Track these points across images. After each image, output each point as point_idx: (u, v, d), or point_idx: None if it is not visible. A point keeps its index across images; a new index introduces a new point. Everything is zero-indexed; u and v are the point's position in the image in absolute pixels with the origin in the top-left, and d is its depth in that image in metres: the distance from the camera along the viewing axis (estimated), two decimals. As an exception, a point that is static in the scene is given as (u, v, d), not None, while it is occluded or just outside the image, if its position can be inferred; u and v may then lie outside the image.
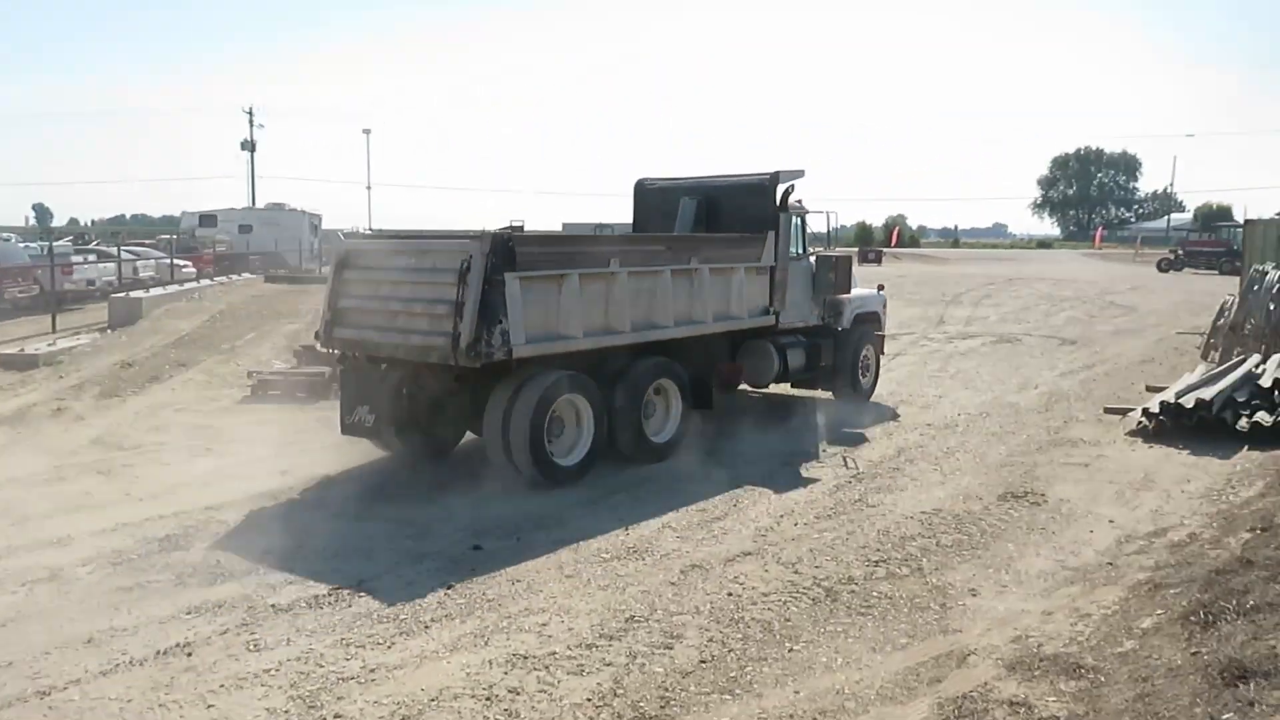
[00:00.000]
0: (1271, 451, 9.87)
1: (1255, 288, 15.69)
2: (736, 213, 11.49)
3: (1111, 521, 7.87)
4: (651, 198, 12.42)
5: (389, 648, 5.62)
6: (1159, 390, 12.66)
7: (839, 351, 12.62)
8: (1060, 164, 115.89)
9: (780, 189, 11.44)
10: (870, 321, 13.27)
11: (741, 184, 11.74)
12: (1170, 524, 7.72)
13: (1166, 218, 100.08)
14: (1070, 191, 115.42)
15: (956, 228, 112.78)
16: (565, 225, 58.12)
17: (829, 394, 13.03)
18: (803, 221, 12.11)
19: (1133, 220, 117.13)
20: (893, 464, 9.83)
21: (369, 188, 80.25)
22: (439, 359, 8.43)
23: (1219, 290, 30.23)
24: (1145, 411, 11.10)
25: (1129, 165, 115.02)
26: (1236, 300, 16.08)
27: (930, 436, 11.12)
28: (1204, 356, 16.38)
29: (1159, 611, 5.64)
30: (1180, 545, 7.11)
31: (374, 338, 9.01)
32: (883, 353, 13.72)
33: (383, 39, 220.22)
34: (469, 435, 9.92)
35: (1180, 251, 49.85)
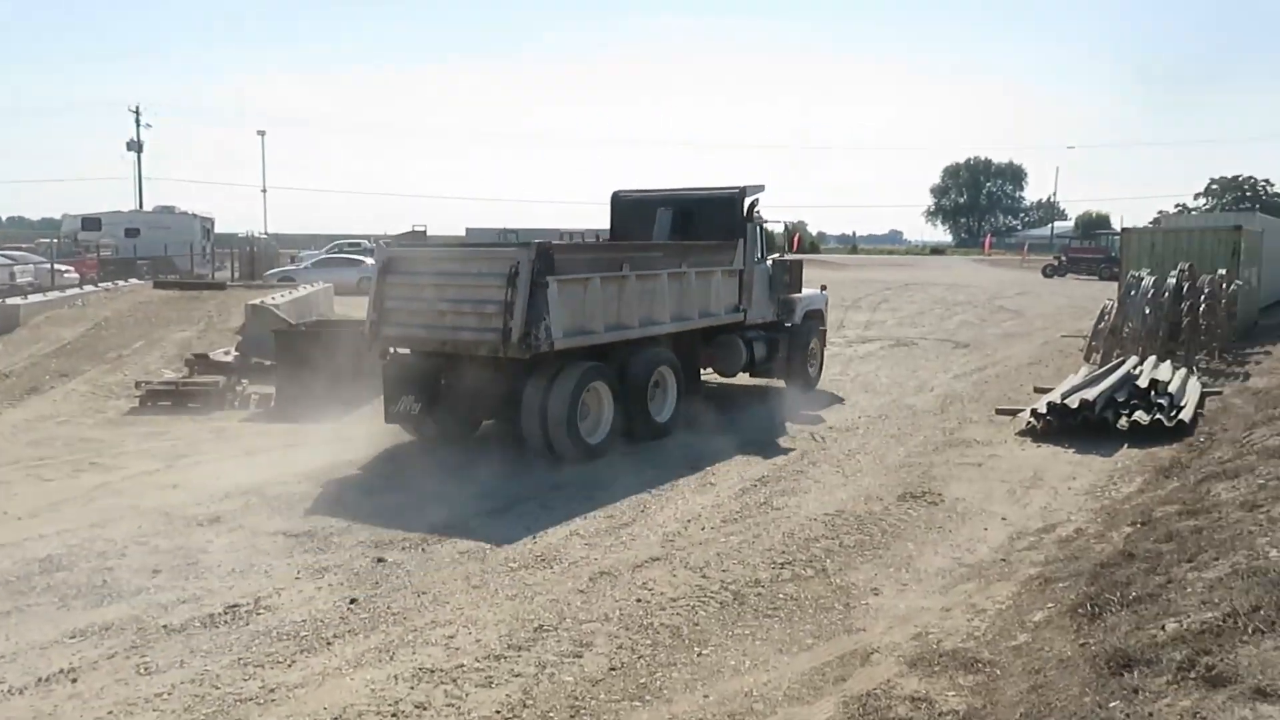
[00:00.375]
0: (1149, 449, 10.39)
1: (1132, 293, 16.51)
2: (708, 222, 12.98)
3: (1004, 519, 8.16)
4: (627, 208, 13.75)
5: (289, 666, 5.46)
6: (1046, 391, 13.19)
7: (792, 345, 14.08)
8: (951, 173, 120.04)
9: (747, 201, 13.08)
10: (816, 318, 14.86)
11: (713, 196, 13.25)
12: (1058, 520, 8.05)
13: (1050, 225, 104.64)
14: (961, 200, 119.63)
15: (855, 234, 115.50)
16: (469, 230, 57.65)
17: (781, 383, 14.34)
18: (762, 230, 13.51)
19: (1019, 228, 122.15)
20: (796, 467, 10.00)
21: (264, 191, 77.88)
22: (488, 352, 9.74)
23: (1099, 295, 31.78)
24: (1034, 412, 11.55)
25: (1015, 175, 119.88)
26: (1115, 305, 16.86)
27: (832, 439, 11.35)
28: (1087, 359, 17.14)
29: (1049, 605, 5.88)
30: (1068, 540, 7.42)
31: (422, 334, 10.20)
32: (825, 345, 15.37)
33: (280, 36, 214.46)
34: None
35: (1063, 258, 52.13)
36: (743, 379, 14.38)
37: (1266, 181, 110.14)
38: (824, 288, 15.81)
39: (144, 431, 11.74)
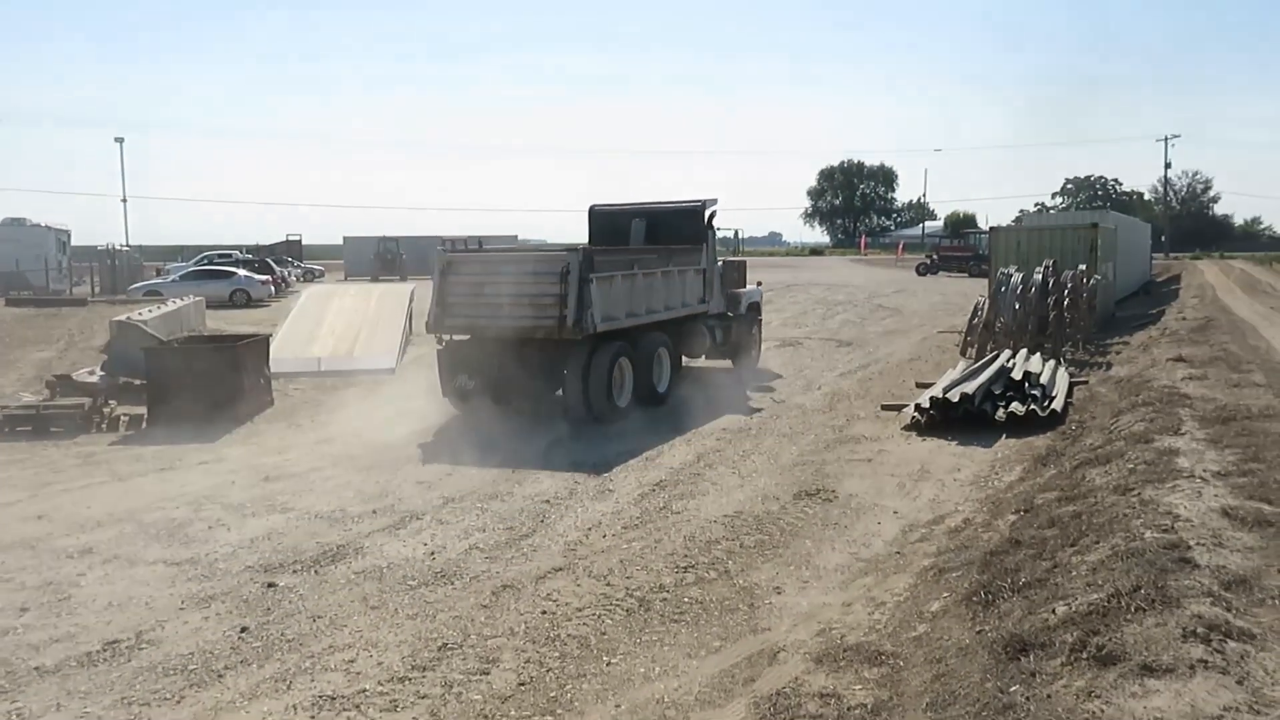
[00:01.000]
0: (1026, 438, 10.87)
1: (1002, 289, 17.25)
2: (675, 230, 15.83)
3: (896, 513, 8.41)
4: (603, 219, 16.53)
5: (178, 703, 5.18)
6: (927, 387, 13.66)
7: (740, 331, 16.93)
8: (827, 176, 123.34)
9: (707, 212, 15.93)
10: (755, 309, 17.84)
11: (679, 209, 16.19)
12: (947, 511, 8.35)
13: (921, 225, 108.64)
14: (837, 201, 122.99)
15: (738, 234, 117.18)
16: (346, 239, 56.36)
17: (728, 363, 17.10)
18: (714, 235, 16.30)
19: (892, 228, 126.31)
20: (693, 470, 10.08)
21: (124, 200, 73.00)
22: (545, 334, 12.46)
23: (971, 292, 33.13)
24: (917, 407, 11.95)
25: (887, 177, 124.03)
26: (987, 301, 17.59)
27: (727, 441, 11.49)
28: (963, 353, 17.82)
29: (945, 594, 6.07)
30: (957, 530, 7.69)
31: (483, 323, 12.80)
32: (762, 332, 18.46)
33: (139, 37, 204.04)
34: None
35: (935, 256, 54.10)
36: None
37: (1116, 181, 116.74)
38: (760, 283, 18.75)
39: (2, 460, 11.00)
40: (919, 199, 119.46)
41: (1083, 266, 19.80)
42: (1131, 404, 11.09)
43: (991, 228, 26.42)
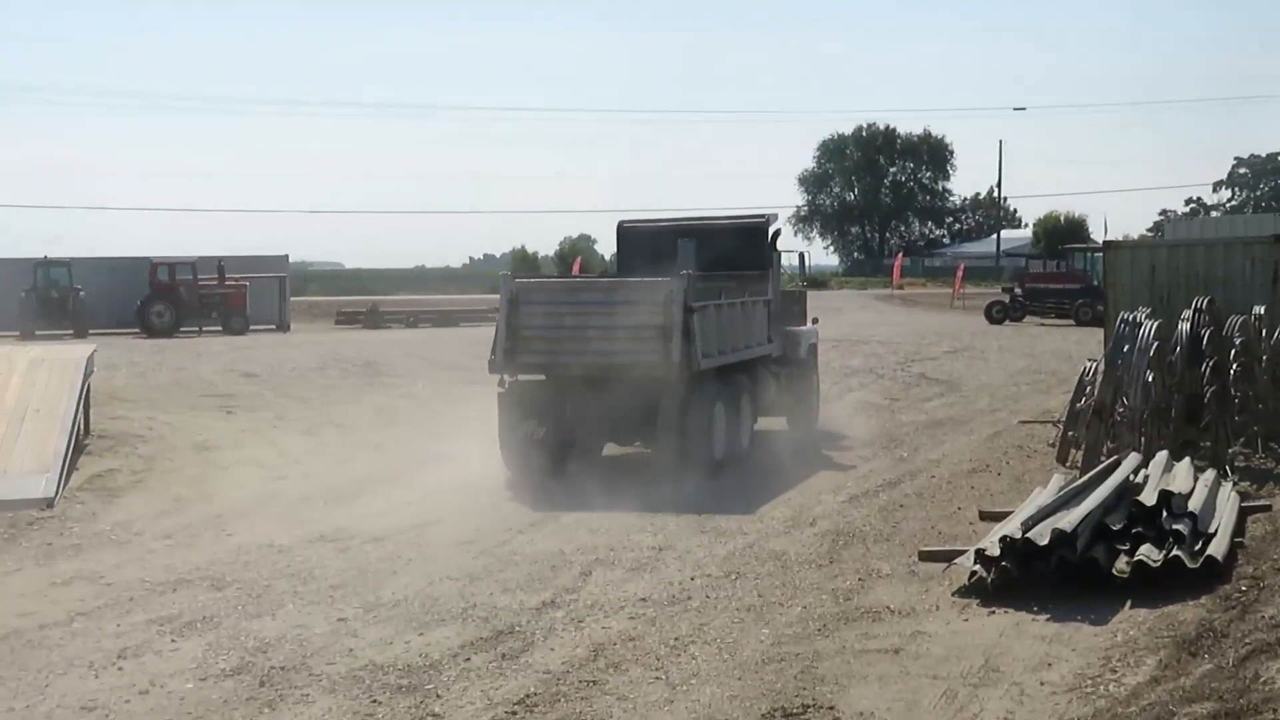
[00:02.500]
0: (1164, 607, 10.98)
1: (1125, 348, 17.61)
2: (733, 253, 20.54)
3: (939, 745, 8.41)
4: (638, 238, 21.61)
5: None
6: (998, 518, 13.75)
7: (800, 380, 21.87)
8: (833, 151, 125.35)
9: (771, 230, 21.28)
10: (813, 353, 23.08)
11: (736, 226, 21.79)
12: (1027, 741, 8.37)
13: (996, 235, 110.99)
14: (850, 196, 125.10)
15: (804, 258, 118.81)
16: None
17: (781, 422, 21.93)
18: (778, 260, 21.51)
19: (947, 240, 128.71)
20: (586, 675, 9.97)
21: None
22: (644, 373, 17.17)
23: (1078, 350, 33.85)
24: (980, 555, 12.02)
25: (936, 154, 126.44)
26: (1102, 369, 17.93)
27: (648, 620, 11.42)
28: (1061, 459, 18.07)
29: None
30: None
31: (566, 359, 17.88)
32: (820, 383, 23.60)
33: None
34: None
35: (1018, 290, 55.26)
36: None
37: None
38: (816, 320, 23.90)
39: None
40: (990, 192, 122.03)
41: (1261, 309, 20.35)
42: (1342, 545, 11.34)
43: (1107, 243, 27.09)
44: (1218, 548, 12.05)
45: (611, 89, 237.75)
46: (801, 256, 27.56)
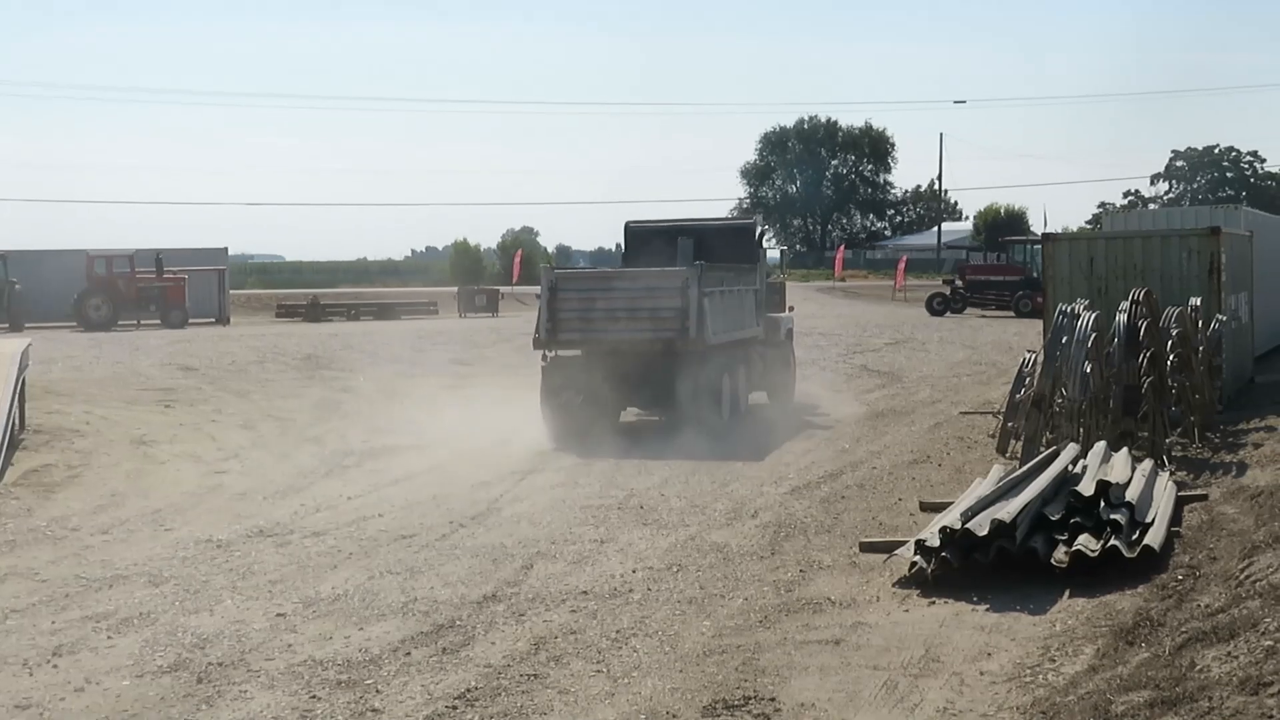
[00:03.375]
0: (1102, 596, 11.11)
1: (1064, 339, 17.72)
2: (724, 249, 23.98)
3: (878, 734, 8.45)
4: (642, 237, 25.21)
5: None
6: (938, 509, 13.84)
7: (779, 360, 25.31)
8: (775, 144, 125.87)
9: (758, 231, 25.96)
10: (789, 337, 26.82)
11: (728, 226, 28.05)
12: (967, 731, 8.42)
13: (937, 228, 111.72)
14: (792, 188, 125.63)
15: (784, 254, 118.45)
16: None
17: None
18: (764, 255, 25.76)
19: (888, 233, 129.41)
20: (527, 669, 9.95)
21: None
22: (665, 348, 21.00)
23: (1018, 342, 34.15)
24: (920, 546, 12.08)
25: (878, 147, 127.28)
26: (1042, 359, 18.05)
27: (589, 613, 11.41)
28: (1000, 449, 18.20)
29: None
30: (983, 765, 7.74)
31: (599, 337, 21.61)
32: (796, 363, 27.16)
33: None
34: None
35: (958, 282, 55.63)
36: None
37: (1255, 156, 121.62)
38: (792, 308, 27.97)
39: None
40: (931, 184, 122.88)
41: (1197, 301, 20.58)
42: (1276, 534, 11.45)
43: (1046, 235, 27.25)
44: (1154, 537, 12.18)
45: (553, 83, 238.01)
46: (783, 252, 37.89)
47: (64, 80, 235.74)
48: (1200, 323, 20.06)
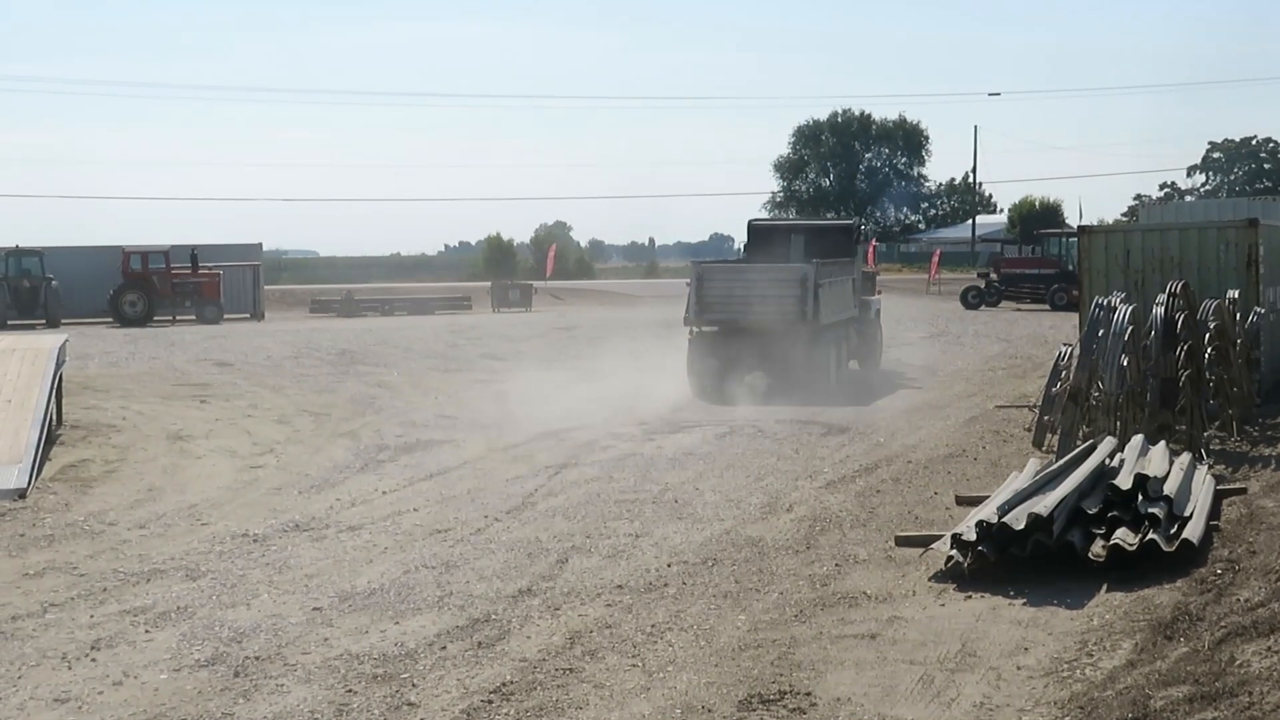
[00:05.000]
0: (1140, 590, 11.06)
1: (1100, 333, 17.66)
2: (829, 245, 29.00)
3: (917, 731, 8.43)
4: (762, 233, 31.13)
5: None
6: (974, 503, 13.80)
7: (870, 335, 30.74)
8: (808, 137, 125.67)
9: (855, 230, 32.31)
10: (878, 315, 31.93)
11: (832, 226, 36.05)
12: (1003, 726, 8.40)
13: (971, 221, 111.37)
14: (825, 182, 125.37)
15: (654, 243, 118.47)
16: None
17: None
18: (861, 250, 31.20)
19: (922, 226, 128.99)
20: (562, 663, 9.97)
21: None
22: (787, 327, 25.73)
23: (1054, 335, 34.05)
24: (956, 540, 12.05)
25: (912, 139, 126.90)
26: (1078, 352, 17.99)
27: (624, 607, 11.42)
28: (1037, 443, 18.14)
29: None
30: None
31: (736, 317, 26.41)
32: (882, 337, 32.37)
33: None
34: None
35: (993, 276, 55.41)
36: None
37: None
38: (880, 293, 34.68)
39: None
40: (965, 177, 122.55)
41: (1235, 293, 20.45)
42: (1315, 528, 11.39)
43: (1081, 227, 27.13)
44: (1193, 531, 12.12)
45: (588, 76, 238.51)
46: (874, 248, 39.49)
47: (97, 76, 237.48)
48: (1238, 315, 19.92)
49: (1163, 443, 15.08)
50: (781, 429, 21.79)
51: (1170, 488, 12.95)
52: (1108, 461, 13.63)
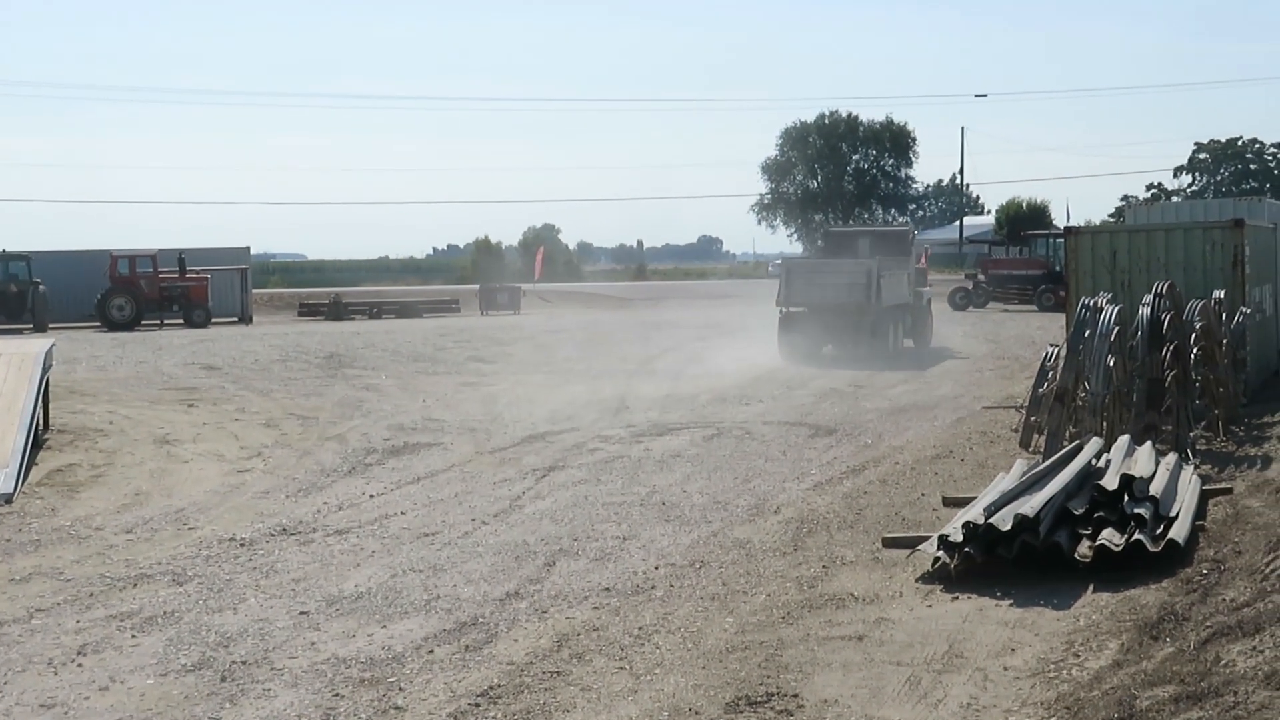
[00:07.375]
0: (1126, 590, 11.08)
1: (1087, 333, 17.68)
2: (889, 246, 37.58)
3: (903, 732, 8.43)
4: (836, 238, 42.67)
5: None
6: (961, 504, 13.80)
7: (921, 319, 37.84)
8: (796, 139, 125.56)
9: (909, 234, 42.68)
10: (929, 303, 39.60)
11: (892, 231, 46.71)
12: (990, 726, 8.41)
13: (959, 222, 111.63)
14: (813, 184, 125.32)
15: (642, 246, 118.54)
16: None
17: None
18: (915, 250, 40.76)
19: (910, 226, 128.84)
20: (550, 666, 9.97)
21: None
22: (857, 309, 33.72)
23: (1041, 336, 34.25)
24: (944, 541, 12.05)
25: (899, 141, 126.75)
26: (1064, 353, 18.01)
27: (612, 610, 11.41)
28: (1024, 444, 18.15)
29: None
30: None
31: (817, 300, 34.31)
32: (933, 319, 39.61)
33: None
34: None
35: (981, 277, 55.52)
36: None
37: (1278, 147, 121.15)
38: (930, 284, 41.70)
39: None
40: (953, 179, 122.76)
41: (1221, 294, 20.49)
42: (1301, 528, 11.42)
43: (1068, 228, 27.19)
44: (1179, 531, 12.15)
45: (573, 80, 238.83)
46: (925, 250, 47.84)
47: (85, 81, 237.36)
48: (1224, 316, 19.97)
49: (1149, 443, 15.09)
50: (769, 431, 21.62)
51: (1156, 488, 12.96)
52: (1094, 462, 13.66)
